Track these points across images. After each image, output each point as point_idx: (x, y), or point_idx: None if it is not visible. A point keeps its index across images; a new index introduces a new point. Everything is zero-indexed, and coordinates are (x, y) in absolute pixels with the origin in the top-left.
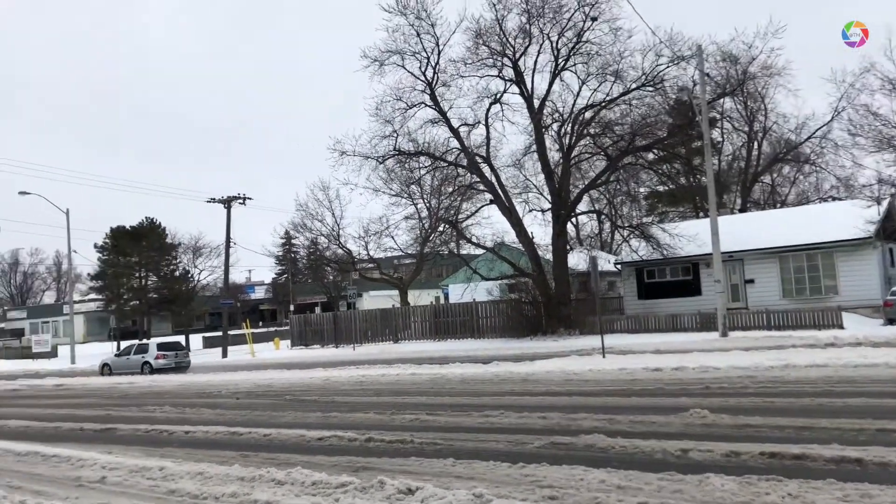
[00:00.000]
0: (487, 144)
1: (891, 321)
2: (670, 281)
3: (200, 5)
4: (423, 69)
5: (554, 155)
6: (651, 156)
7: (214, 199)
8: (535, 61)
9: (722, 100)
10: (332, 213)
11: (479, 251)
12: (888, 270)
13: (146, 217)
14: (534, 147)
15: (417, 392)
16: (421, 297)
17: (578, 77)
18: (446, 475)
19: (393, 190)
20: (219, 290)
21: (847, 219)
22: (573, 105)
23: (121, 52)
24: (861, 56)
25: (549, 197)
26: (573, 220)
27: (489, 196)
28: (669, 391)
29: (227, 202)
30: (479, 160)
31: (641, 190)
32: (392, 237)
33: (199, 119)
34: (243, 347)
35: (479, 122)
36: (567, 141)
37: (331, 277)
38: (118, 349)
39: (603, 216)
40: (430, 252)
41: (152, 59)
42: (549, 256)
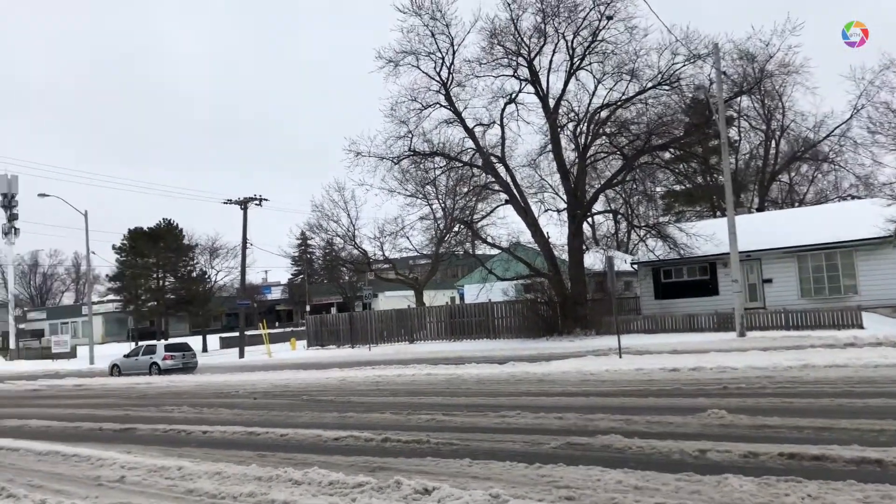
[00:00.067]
0: (503, 144)
1: None
2: (687, 281)
3: (215, 6)
4: (437, 69)
5: (569, 154)
6: (667, 155)
7: (231, 200)
8: (551, 61)
9: (739, 98)
10: (348, 214)
11: (495, 251)
12: None
13: (163, 218)
14: (549, 147)
15: (433, 392)
16: (436, 298)
17: (594, 76)
18: (463, 475)
19: (408, 190)
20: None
21: (867, 217)
22: (589, 104)
23: (138, 56)
24: (881, 53)
25: (564, 197)
26: (589, 219)
27: (504, 196)
28: (687, 391)
29: (244, 203)
30: (495, 160)
31: (658, 189)
32: (407, 237)
33: (214, 120)
34: (260, 348)
35: (494, 122)
36: (583, 140)
37: (346, 278)
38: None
39: (619, 216)
40: (446, 252)
41: (167, 60)
42: (564, 256)
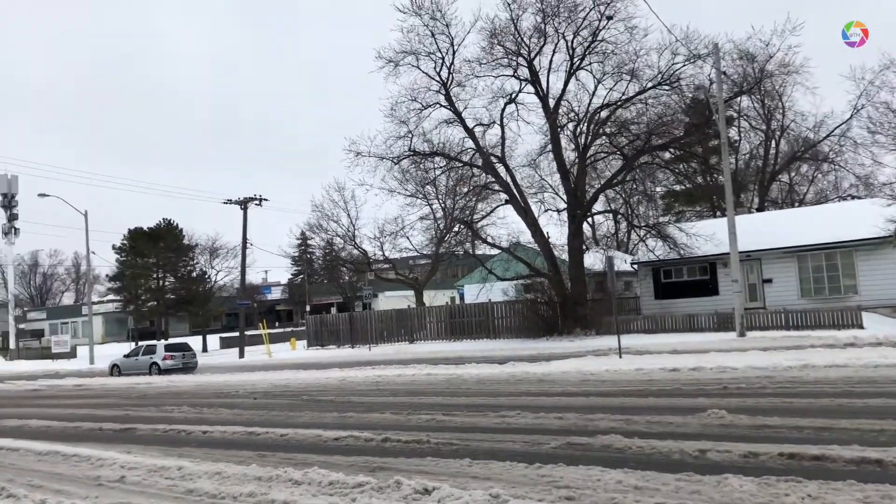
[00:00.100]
0: (502, 144)
1: None
2: (687, 281)
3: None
4: (437, 69)
5: (569, 154)
6: (667, 155)
7: (231, 200)
8: (551, 61)
9: (739, 98)
10: (348, 214)
11: (495, 251)
12: None
13: (163, 218)
14: (549, 147)
15: (433, 392)
16: (436, 298)
17: (594, 76)
18: (463, 475)
19: (408, 190)
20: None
21: (867, 217)
22: (589, 104)
23: (138, 56)
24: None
25: (564, 197)
26: (589, 219)
27: (504, 196)
28: (687, 391)
29: (244, 203)
30: (495, 160)
31: (658, 189)
32: (407, 237)
33: (214, 120)
34: (260, 348)
35: (494, 122)
36: (583, 140)
37: (346, 278)
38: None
39: (619, 216)
40: (446, 252)
41: (167, 60)
42: (564, 256)
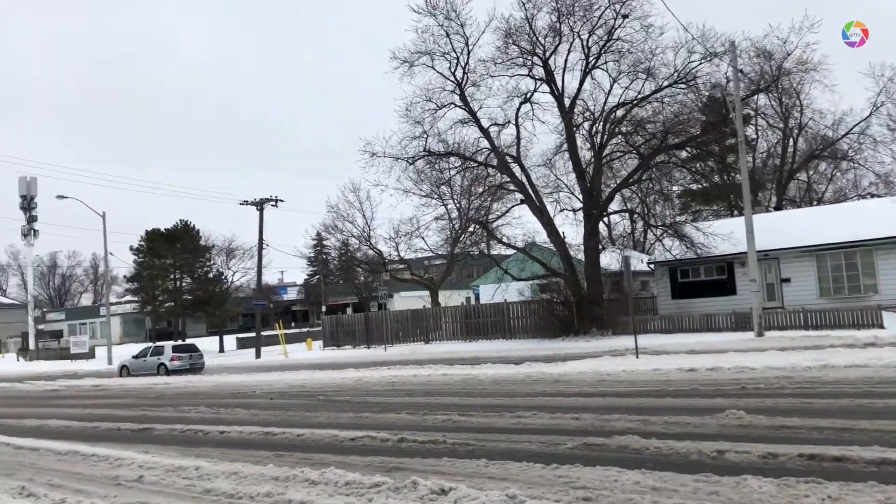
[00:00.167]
0: (518, 144)
1: None
2: (704, 280)
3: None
4: (452, 69)
5: (585, 154)
6: (684, 154)
7: (247, 201)
8: (566, 60)
9: (756, 96)
10: (363, 215)
11: (510, 251)
12: None
13: (180, 219)
14: (565, 146)
15: (449, 393)
16: (452, 298)
17: (609, 75)
18: (479, 476)
19: (423, 191)
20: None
21: (886, 216)
22: (604, 103)
23: (138, 56)
24: None
25: (580, 196)
26: (605, 219)
27: (520, 196)
28: (704, 392)
29: (260, 204)
30: (510, 160)
31: (674, 188)
32: (422, 238)
33: (213, 120)
34: (276, 348)
35: (509, 122)
36: (598, 140)
37: (362, 278)
38: None
39: (635, 215)
40: (461, 253)
41: (168, 60)
42: (580, 256)
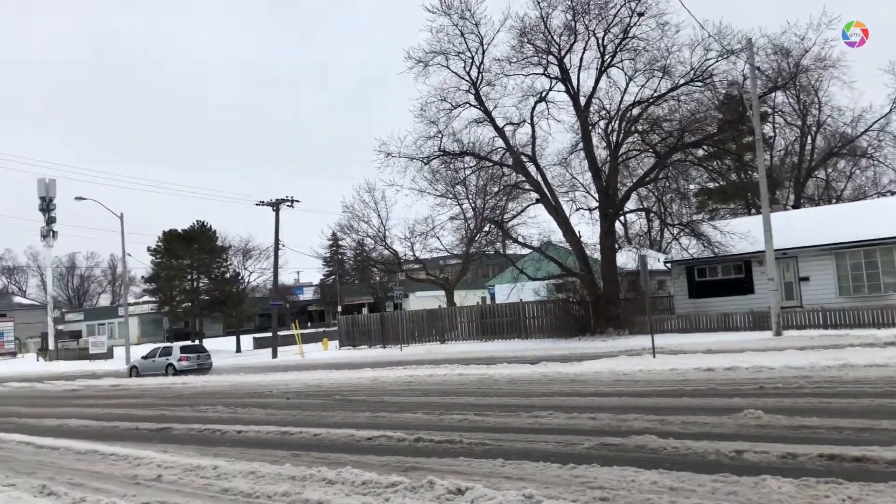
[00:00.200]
0: (533, 143)
1: None
2: (722, 279)
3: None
4: (467, 69)
5: (601, 153)
6: (701, 152)
7: (263, 201)
8: (581, 58)
9: (773, 94)
10: (378, 215)
11: (526, 251)
12: None
13: (197, 220)
14: (580, 145)
15: (465, 392)
16: (467, 298)
17: (625, 73)
18: (496, 475)
19: (438, 190)
20: (268, 292)
21: None
22: (620, 102)
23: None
24: None
25: (596, 195)
26: (621, 218)
27: (535, 195)
28: (722, 392)
29: (276, 205)
30: (525, 159)
31: (691, 187)
32: (438, 238)
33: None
34: (293, 348)
35: (524, 121)
36: (614, 138)
37: (377, 278)
38: None
39: (652, 214)
40: (476, 252)
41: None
42: (596, 255)
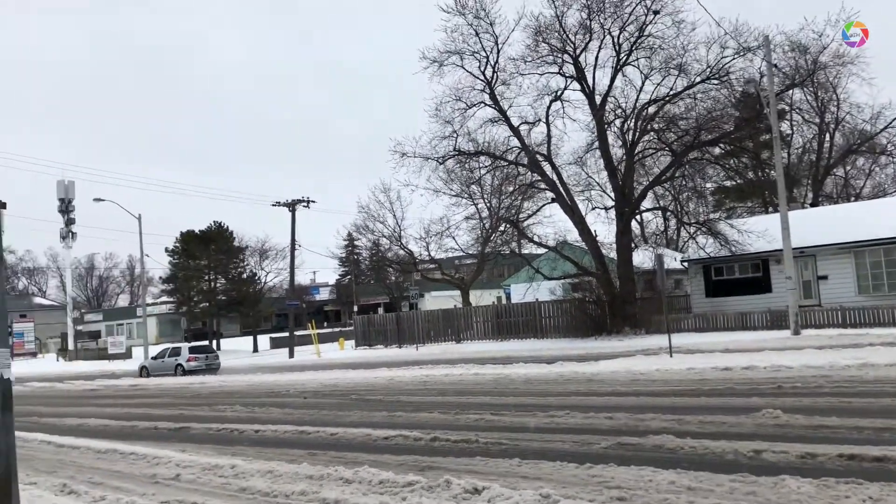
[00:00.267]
0: (548, 142)
1: None
2: (739, 278)
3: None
4: (482, 68)
5: (617, 151)
6: (717, 150)
7: (279, 202)
8: (597, 57)
9: (791, 91)
10: (394, 215)
11: (541, 250)
12: None
13: (214, 221)
14: (596, 144)
15: (481, 392)
16: (482, 298)
17: (641, 72)
18: (512, 475)
19: (453, 190)
20: (285, 292)
21: None
22: (636, 100)
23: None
24: None
25: (612, 194)
26: (637, 217)
27: (551, 195)
28: (740, 391)
29: (292, 205)
30: (540, 158)
31: (708, 185)
32: (453, 237)
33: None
34: (309, 348)
35: (539, 120)
36: (630, 137)
37: (393, 278)
38: None
39: (668, 213)
40: (492, 252)
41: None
42: (612, 255)
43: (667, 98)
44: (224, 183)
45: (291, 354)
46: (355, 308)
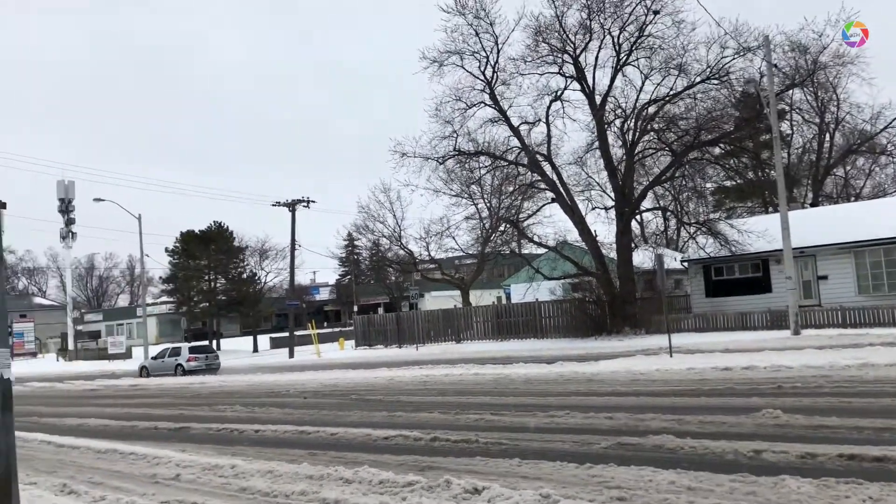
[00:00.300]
0: (548, 142)
1: None
2: (739, 278)
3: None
4: (482, 68)
5: (617, 151)
6: (717, 150)
7: (279, 202)
8: (597, 57)
9: (791, 91)
10: (394, 215)
11: (541, 250)
12: None
13: (214, 221)
14: (596, 144)
15: (481, 392)
16: (482, 298)
17: (641, 72)
18: (512, 475)
19: (453, 190)
20: (285, 292)
21: None
22: (636, 100)
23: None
24: None
25: (612, 194)
26: (637, 217)
27: (551, 195)
28: (740, 391)
29: (292, 205)
30: (540, 158)
31: (708, 185)
32: (453, 237)
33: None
34: (309, 348)
35: (539, 120)
36: (630, 137)
37: (393, 278)
38: None
39: (668, 213)
40: (492, 252)
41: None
42: (612, 255)
43: (667, 98)
44: (224, 183)
45: (291, 354)
46: (355, 308)
